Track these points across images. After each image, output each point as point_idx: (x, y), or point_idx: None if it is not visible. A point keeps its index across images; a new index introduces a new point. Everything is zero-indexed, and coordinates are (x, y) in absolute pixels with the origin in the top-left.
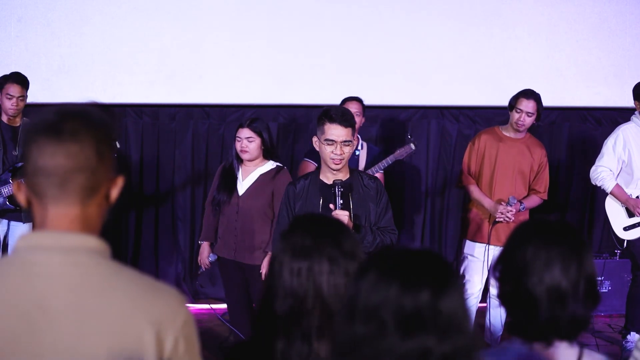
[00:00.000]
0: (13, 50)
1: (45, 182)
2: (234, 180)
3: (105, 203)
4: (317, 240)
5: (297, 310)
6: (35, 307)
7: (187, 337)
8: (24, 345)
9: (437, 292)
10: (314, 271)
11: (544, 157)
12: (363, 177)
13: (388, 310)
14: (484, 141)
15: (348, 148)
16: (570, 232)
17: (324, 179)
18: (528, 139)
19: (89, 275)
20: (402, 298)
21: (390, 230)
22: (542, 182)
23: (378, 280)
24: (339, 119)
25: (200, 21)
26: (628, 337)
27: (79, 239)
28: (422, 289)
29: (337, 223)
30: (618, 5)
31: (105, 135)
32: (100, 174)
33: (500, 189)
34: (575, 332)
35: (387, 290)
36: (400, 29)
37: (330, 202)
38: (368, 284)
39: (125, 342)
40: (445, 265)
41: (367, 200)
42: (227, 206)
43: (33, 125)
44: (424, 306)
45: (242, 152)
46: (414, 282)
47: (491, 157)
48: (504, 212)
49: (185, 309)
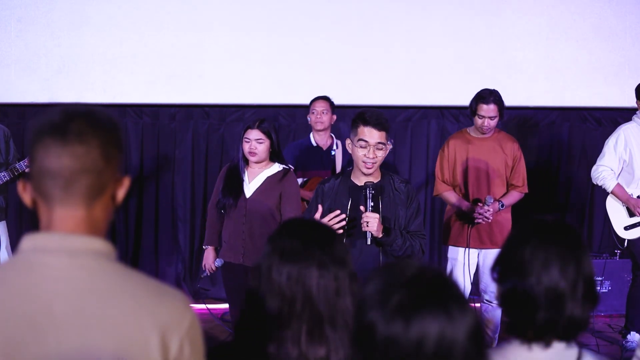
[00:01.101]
0: (13, 50)
1: (51, 183)
2: (239, 183)
3: (112, 204)
4: (306, 244)
5: (286, 314)
6: (40, 310)
7: (192, 341)
8: (30, 348)
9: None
10: (303, 275)
11: (517, 151)
12: (394, 180)
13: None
14: (452, 146)
15: (381, 152)
16: (568, 232)
17: (355, 180)
18: (497, 134)
19: (95, 278)
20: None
21: (420, 235)
22: (520, 176)
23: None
24: (373, 122)
25: (200, 21)
26: (628, 337)
27: (85, 241)
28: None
29: (327, 229)
30: (618, 5)
31: (112, 136)
32: (107, 175)
33: (477, 190)
34: (574, 332)
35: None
36: (400, 29)
37: (359, 204)
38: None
39: (131, 345)
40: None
41: (398, 204)
42: (234, 209)
43: (39, 125)
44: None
45: (250, 153)
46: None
47: (462, 160)
48: (482, 212)
49: (191, 312)
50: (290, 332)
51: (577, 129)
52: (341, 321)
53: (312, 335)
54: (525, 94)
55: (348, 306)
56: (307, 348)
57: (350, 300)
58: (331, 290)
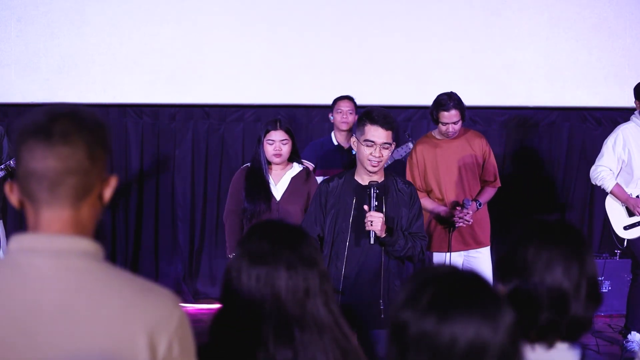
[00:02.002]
0: (13, 50)
1: (37, 185)
2: (265, 187)
3: (99, 204)
4: (274, 246)
5: (254, 316)
6: (27, 311)
7: (181, 340)
8: (17, 349)
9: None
10: (271, 277)
11: (485, 146)
12: (398, 180)
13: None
14: (420, 152)
15: (387, 151)
16: (571, 232)
17: (359, 179)
18: (464, 132)
19: (82, 278)
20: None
21: (421, 237)
22: (491, 171)
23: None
24: (381, 121)
25: (200, 21)
26: (628, 337)
27: (72, 242)
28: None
29: (296, 229)
30: (618, 5)
31: (97, 136)
32: (93, 176)
33: (452, 193)
34: (577, 333)
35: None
36: (400, 29)
37: (363, 203)
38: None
39: (119, 344)
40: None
41: (401, 205)
42: (268, 214)
43: (23, 127)
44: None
45: (276, 155)
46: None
47: (432, 165)
48: (461, 216)
49: (180, 310)
50: (259, 334)
51: (577, 129)
52: (311, 322)
53: (280, 337)
54: (525, 94)
55: (318, 306)
56: (275, 350)
57: (322, 300)
58: (300, 291)
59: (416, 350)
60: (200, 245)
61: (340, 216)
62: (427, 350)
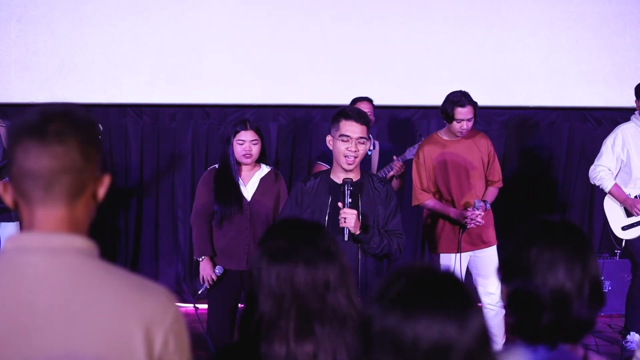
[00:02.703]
0: (13, 50)
1: (32, 184)
2: (236, 188)
3: (93, 202)
4: (293, 242)
5: (275, 312)
6: (23, 309)
7: (177, 335)
8: (13, 347)
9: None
10: (291, 273)
11: (490, 147)
12: (374, 179)
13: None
14: (427, 152)
15: (363, 146)
16: (574, 232)
17: (335, 178)
18: (470, 134)
19: (77, 276)
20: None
21: (397, 234)
22: (496, 171)
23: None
24: (355, 116)
25: (200, 21)
26: (628, 337)
27: (66, 240)
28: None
29: (313, 224)
30: (618, 5)
31: (90, 135)
32: (87, 174)
33: (460, 194)
34: (580, 334)
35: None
36: (400, 29)
37: (338, 201)
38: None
39: (115, 341)
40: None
41: (377, 203)
42: (239, 216)
43: (17, 126)
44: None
45: (246, 156)
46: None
47: (440, 165)
48: (473, 217)
49: (175, 307)
50: (279, 330)
51: (577, 129)
52: (331, 316)
53: (300, 333)
54: (525, 94)
55: (339, 299)
56: (295, 346)
57: (343, 292)
58: (320, 285)
59: (380, 346)
60: None
61: (315, 215)
62: (390, 346)
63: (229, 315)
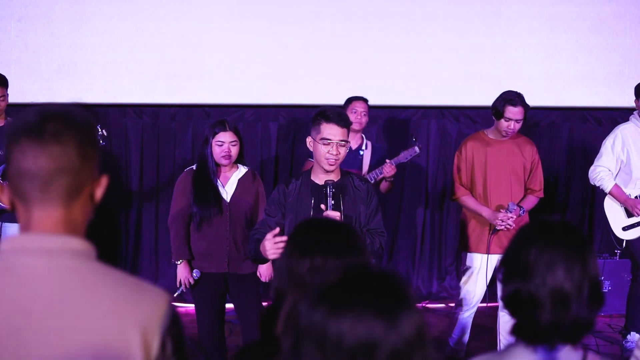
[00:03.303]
0: (13, 50)
1: (29, 184)
2: (214, 189)
3: (90, 203)
4: (323, 237)
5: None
6: (19, 310)
7: (174, 337)
8: (9, 348)
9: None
10: (323, 263)
11: (535, 154)
12: (354, 178)
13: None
14: (470, 148)
15: (343, 149)
16: (573, 233)
17: (316, 179)
18: (515, 137)
19: (73, 277)
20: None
21: (379, 233)
22: (537, 180)
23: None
24: (336, 119)
25: (200, 21)
26: (628, 337)
27: (63, 241)
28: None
29: (341, 223)
30: (618, 5)
31: (88, 135)
32: (84, 175)
33: (496, 195)
34: (579, 334)
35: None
36: (400, 29)
37: (321, 203)
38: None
39: (111, 343)
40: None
41: (358, 202)
42: (219, 218)
43: (14, 126)
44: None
45: (225, 157)
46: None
47: (481, 163)
48: (504, 219)
49: (172, 309)
50: None
51: (577, 129)
52: None
53: None
54: (525, 94)
55: None
56: None
57: None
58: None
59: (307, 340)
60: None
61: (299, 217)
62: (315, 341)
63: (218, 318)
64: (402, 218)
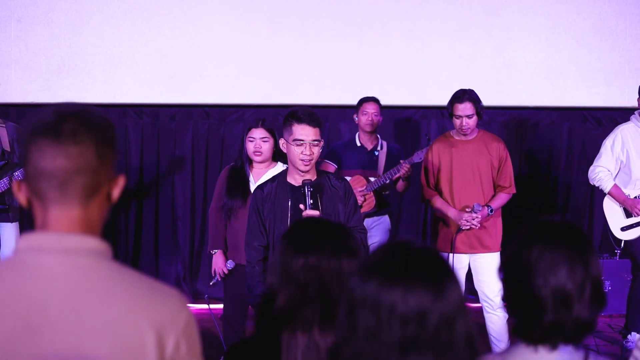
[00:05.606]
0: (13, 50)
1: (46, 184)
2: (245, 183)
3: (107, 203)
4: (319, 236)
5: (299, 300)
6: (35, 309)
7: (188, 339)
8: (25, 347)
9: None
10: (317, 263)
11: (502, 150)
12: (331, 177)
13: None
14: (436, 150)
15: (317, 148)
16: (575, 233)
17: (292, 180)
18: (482, 135)
19: (90, 277)
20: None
21: (359, 230)
22: (506, 177)
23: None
24: (307, 119)
25: (200, 21)
26: (628, 337)
27: (80, 241)
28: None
29: (337, 224)
30: (618, 5)
31: (105, 135)
32: (101, 175)
33: (462, 195)
34: (581, 335)
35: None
36: (400, 29)
37: (299, 203)
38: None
39: (126, 343)
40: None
41: (336, 201)
42: (243, 210)
43: (32, 126)
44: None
45: (255, 153)
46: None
47: (446, 164)
48: (469, 219)
49: (187, 310)
50: (302, 320)
51: (577, 129)
52: None
53: (325, 322)
54: (525, 94)
55: None
56: (320, 336)
57: None
58: (345, 276)
59: (361, 309)
60: (200, 245)
61: (277, 220)
62: (370, 310)
63: (242, 308)
64: (402, 218)
